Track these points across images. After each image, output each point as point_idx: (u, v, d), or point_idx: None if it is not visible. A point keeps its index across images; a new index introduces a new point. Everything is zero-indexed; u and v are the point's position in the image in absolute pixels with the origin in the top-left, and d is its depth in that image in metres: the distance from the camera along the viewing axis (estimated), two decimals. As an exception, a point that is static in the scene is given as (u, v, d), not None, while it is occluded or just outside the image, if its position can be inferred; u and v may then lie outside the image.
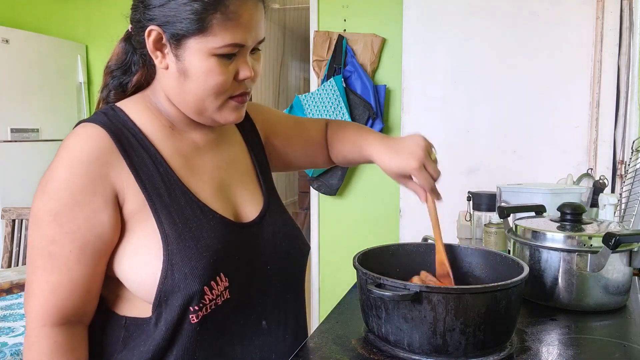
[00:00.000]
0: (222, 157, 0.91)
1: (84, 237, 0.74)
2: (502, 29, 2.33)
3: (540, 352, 0.82)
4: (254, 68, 0.82)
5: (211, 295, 0.77)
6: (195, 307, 0.76)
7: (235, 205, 0.88)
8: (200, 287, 0.75)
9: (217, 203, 0.84)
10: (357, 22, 2.83)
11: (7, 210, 2.27)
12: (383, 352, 0.81)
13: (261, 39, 0.81)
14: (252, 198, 0.92)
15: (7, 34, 2.81)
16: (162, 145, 0.83)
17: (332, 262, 3.00)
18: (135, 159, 0.78)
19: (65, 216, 0.74)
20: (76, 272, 0.75)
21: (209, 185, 0.85)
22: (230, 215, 0.85)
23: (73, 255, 0.74)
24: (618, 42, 2.18)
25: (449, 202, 1.13)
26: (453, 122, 2.43)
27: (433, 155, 0.99)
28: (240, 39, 0.77)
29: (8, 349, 1.21)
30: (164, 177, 0.80)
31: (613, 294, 1.00)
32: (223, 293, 0.79)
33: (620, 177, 2.04)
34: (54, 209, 0.74)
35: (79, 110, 3.29)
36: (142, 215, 0.77)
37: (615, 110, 2.20)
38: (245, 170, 0.95)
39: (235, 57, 0.78)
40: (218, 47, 0.76)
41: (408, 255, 0.99)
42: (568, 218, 1.08)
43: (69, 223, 0.74)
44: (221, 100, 0.80)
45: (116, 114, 0.82)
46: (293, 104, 2.77)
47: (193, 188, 0.82)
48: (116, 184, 0.76)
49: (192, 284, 0.75)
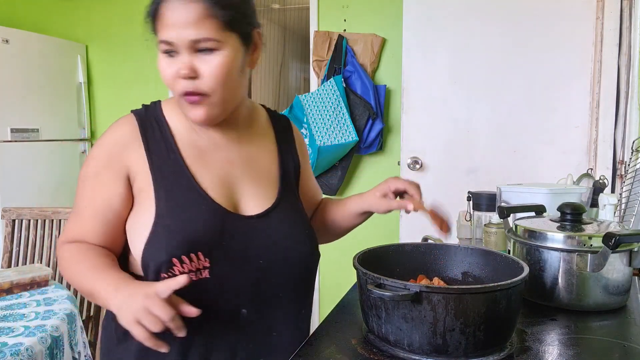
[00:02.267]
0: (239, 154, 0.98)
1: (97, 201, 0.90)
2: (502, 29, 2.33)
3: (540, 352, 0.82)
4: (200, 68, 0.84)
5: (181, 268, 0.86)
6: (165, 275, 0.86)
7: (238, 198, 0.94)
8: (168, 258, 0.85)
9: (217, 192, 0.91)
10: (357, 22, 2.83)
11: (7, 210, 2.27)
12: (383, 352, 0.81)
13: (194, 38, 0.82)
14: (262, 195, 0.96)
15: (7, 34, 2.81)
16: (181, 137, 0.94)
17: (332, 262, 3.00)
18: (153, 146, 0.91)
19: (89, 181, 0.92)
20: (88, 226, 0.91)
21: (215, 176, 0.93)
22: (229, 206, 0.92)
23: (87, 211, 0.92)
24: (618, 42, 2.18)
25: (449, 202, 1.14)
26: (453, 122, 2.43)
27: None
28: (166, 36, 0.83)
29: (8, 349, 1.20)
30: (173, 163, 0.91)
31: (613, 294, 1.00)
32: (201, 271, 0.87)
33: (620, 177, 2.04)
34: (84, 173, 0.93)
35: (79, 111, 3.29)
36: (147, 193, 0.89)
37: (615, 110, 2.20)
38: (264, 170, 1.00)
39: (177, 55, 0.84)
40: (158, 44, 0.86)
41: (408, 255, 0.99)
42: (568, 218, 1.08)
43: (90, 187, 0.92)
44: (178, 96, 0.88)
45: (155, 107, 0.96)
46: (293, 104, 2.77)
47: (198, 176, 0.91)
48: (130, 164, 0.90)
49: (162, 253, 0.86)
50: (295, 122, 2.73)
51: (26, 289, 1.63)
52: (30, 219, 2.27)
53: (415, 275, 0.96)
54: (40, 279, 1.66)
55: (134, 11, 3.22)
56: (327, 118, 2.65)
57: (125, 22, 3.23)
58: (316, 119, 2.66)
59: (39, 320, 1.39)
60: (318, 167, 2.69)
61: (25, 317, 1.42)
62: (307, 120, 2.67)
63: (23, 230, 2.26)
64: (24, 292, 1.62)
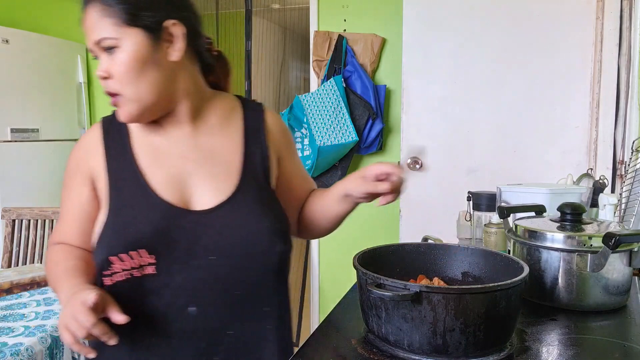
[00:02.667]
0: (195, 148, 0.97)
1: (72, 204, 0.97)
2: (502, 29, 2.33)
3: (540, 352, 0.82)
4: (110, 69, 0.88)
5: (123, 265, 0.88)
6: (105, 272, 0.90)
7: (190, 194, 0.94)
8: (106, 256, 0.89)
9: (167, 189, 0.92)
10: (357, 22, 2.83)
11: (7, 210, 2.27)
12: (383, 352, 0.81)
13: (95, 39, 0.88)
14: (216, 189, 0.94)
15: (7, 34, 2.82)
16: (138, 138, 0.97)
17: (332, 262, 3.00)
18: (111, 149, 0.96)
19: (65, 186, 0.99)
20: (67, 227, 0.98)
21: (167, 173, 0.94)
22: (179, 202, 0.92)
23: (66, 214, 0.99)
24: (618, 42, 2.18)
25: (449, 202, 1.13)
26: (453, 122, 2.43)
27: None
28: (87, 44, 0.90)
29: (8, 349, 1.21)
30: (126, 164, 0.94)
31: (613, 294, 1.00)
32: (145, 267, 0.89)
33: (620, 177, 2.04)
34: (64, 178, 1.00)
35: (79, 111, 3.30)
36: (105, 194, 0.93)
37: (615, 111, 2.20)
38: (224, 162, 0.97)
39: (99, 59, 0.89)
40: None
41: (408, 255, 0.99)
42: (568, 218, 1.08)
43: (67, 191, 0.99)
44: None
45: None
46: (293, 104, 2.76)
47: (149, 175, 0.93)
48: (92, 168, 0.95)
49: (103, 251, 0.90)
50: (295, 122, 2.72)
51: (26, 289, 1.63)
52: (30, 219, 2.27)
53: (415, 275, 0.96)
54: (40, 279, 1.66)
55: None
56: (327, 118, 2.66)
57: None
58: (316, 119, 2.66)
59: (39, 320, 1.39)
60: (318, 167, 2.69)
61: (25, 317, 1.42)
62: (307, 120, 2.67)
63: (23, 230, 2.26)
64: (24, 292, 1.62)
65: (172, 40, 0.90)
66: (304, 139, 2.72)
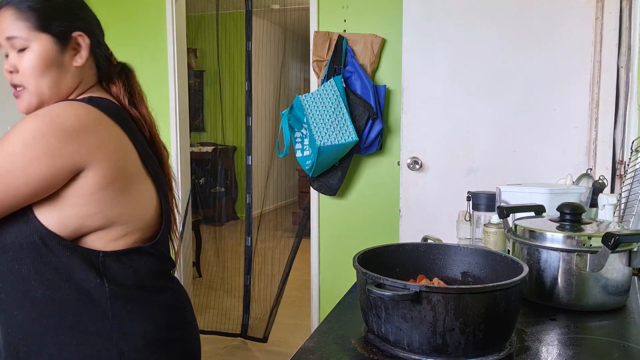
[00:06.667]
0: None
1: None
2: (501, 29, 2.33)
3: (539, 352, 0.82)
4: (18, 65, 0.96)
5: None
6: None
7: None
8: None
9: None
10: (357, 23, 2.83)
11: (7, 211, 2.27)
12: (383, 352, 0.81)
13: (7, 35, 0.95)
14: None
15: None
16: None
17: (332, 262, 3.00)
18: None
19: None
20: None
21: None
22: None
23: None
24: (618, 42, 2.18)
25: (449, 202, 1.13)
26: (453, 122, 2.43)
27: None
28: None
29: None
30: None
31: (612, 294, 1.00)
32: None
33: (620, 177, 2.04)
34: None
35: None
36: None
37: (615, 110, 2.20)
38: None
39: (8, 56, 0.97)
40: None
41: (408, 255, 0.99)
42: (567, 218, 1.08)
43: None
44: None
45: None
46: (293, 104, 2.77)
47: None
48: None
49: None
50: (295, 122, 2.73)
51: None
52: (31, 219, 2.26)
53: (415, 275, 0.96)
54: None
55: (132, 11, 3.22)
56: (327, 118, 2.66)
57: (124, 22, 3.23)
58: (316, 119, 2.67)
59: None
60: (318, 167, 2.69)
61: None
62: (307, 121, 2.68)
63: (23, 230, 2.25)
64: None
65: (78, 49, 1.01)
66: (304, 139, 2.73)
